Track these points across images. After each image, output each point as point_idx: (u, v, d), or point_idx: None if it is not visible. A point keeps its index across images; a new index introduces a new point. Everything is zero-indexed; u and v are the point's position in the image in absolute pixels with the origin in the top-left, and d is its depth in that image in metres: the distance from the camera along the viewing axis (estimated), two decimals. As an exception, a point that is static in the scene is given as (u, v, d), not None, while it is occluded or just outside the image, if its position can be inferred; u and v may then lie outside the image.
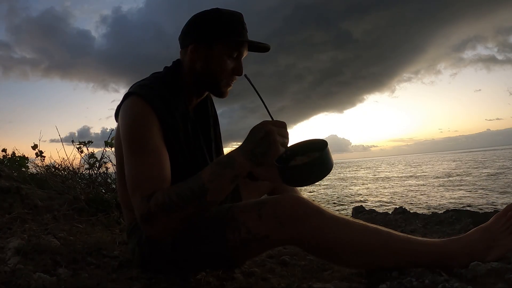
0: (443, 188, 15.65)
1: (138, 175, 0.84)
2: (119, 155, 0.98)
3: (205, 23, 0.95)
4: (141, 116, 0.88)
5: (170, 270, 0.92)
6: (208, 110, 1.12)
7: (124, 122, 0.90)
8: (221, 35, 0.93)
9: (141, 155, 0.85)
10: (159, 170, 0.85)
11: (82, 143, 2.52)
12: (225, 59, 0.95)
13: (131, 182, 0.85)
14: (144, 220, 0.81)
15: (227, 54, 0.95)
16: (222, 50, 0.94)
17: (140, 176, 0.84)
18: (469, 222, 2.22)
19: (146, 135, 0.87)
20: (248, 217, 0.84)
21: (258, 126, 0.83)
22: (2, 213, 1.52)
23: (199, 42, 0.95)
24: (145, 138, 0.87)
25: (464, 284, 0.75)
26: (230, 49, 0.95)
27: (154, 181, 0.83)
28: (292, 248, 1.37)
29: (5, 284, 0.80)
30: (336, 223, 0.83)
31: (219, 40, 0.94)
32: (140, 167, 0.85)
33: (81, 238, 1.36)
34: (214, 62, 0.95)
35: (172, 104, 0.94)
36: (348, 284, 0.91)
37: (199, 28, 0.95)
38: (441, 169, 30.30)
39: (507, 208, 0.91)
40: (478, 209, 6.06)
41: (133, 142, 0.87)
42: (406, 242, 0.86)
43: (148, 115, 0.88)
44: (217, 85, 0.99)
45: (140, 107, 0.89)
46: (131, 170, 0.86)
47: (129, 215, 1.01)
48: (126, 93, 0.94)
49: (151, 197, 0.80)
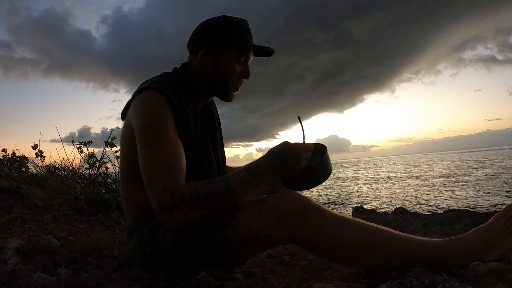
0: (443, 188, 15.65)
1: (158, 165, 0.84)
2: (125, 150, 0.99)
3: (214, 29, 0.99)
4: (157, 107, 0.90)
5: (171, 269, 0.93)
6: (213, 113, 1.15)
7: (139, 114, 0.91)
8: (230, 40, 0.99)
9: (159, 146, 0.86)
10: (178, 161, 0.87)
11: (82, 143, 2.52)
12: (233, 63, 1.00)
13: (149, 172, 0.85)
14: (165, 211, 0.81)
15: (235, 59, 1.00)
16: (230, 54, 1.00)
17: (160, 166, 0.84)
18: (469, 222, 2.22)
19: (163, 126, 0.88)
20: (249, 216, 0.84)
21: (292, 151, 0.84)
22: (2, 213, 1.52)
23: (209, 47, 0.99)
24: (162, 129, 0.88)
25: (464, 284, 0.75)
26: (238, 53, 1.00)
27: (175, 172, 0.85)
28: (292, 248, 1.38)
29: (5, 284, 0.80)
30: (336, 222, 0.84)
31: (227, 45, 0.99)
32: (159, 157, 0.85)
33: (81, 238, 1.36)
34: (223, 66, 1.00)
35: (184, 100, 0.97)
36: (348, 284, 0.91)
37: (208, 34, 1.00)
38: (441, 169, 30.32)
39: (507, 208, 0.91)
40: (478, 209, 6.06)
41: (150, 133, 0.88)
42: (406, 242, 0.86)
43: (164, 107, 0.90)
44: (225, 89, 1.03)
45: (156, 99, 0.91)
46: (148, 161, 0.86)
47: (130, 214, 1.01)
48: (139, 88, 0.96)
49: (176, 190, 0.82)
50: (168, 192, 0.81)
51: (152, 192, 0.84)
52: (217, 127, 1.15)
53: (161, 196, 0.82)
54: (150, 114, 0.89)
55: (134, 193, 0.99)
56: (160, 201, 0.81)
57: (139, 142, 0.89)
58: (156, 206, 0.82)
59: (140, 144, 0.89)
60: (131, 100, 0.98)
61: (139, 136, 0.90)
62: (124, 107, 1.03)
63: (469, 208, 6.80)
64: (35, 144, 2.88)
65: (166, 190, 0.82)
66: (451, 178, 20.59)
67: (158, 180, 0.83)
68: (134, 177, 0.98)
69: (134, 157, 0.94)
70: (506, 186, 14.38)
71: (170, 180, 0.83)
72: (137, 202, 0.99)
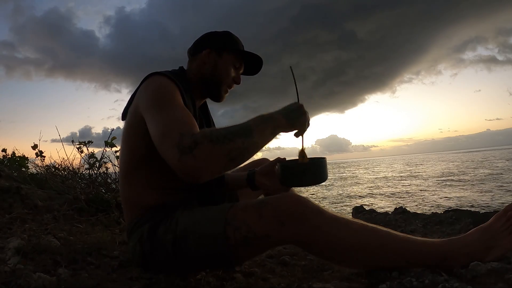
0: (443, 188, 15.65)
1: (172, 120, 0.81)
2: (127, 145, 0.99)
3: (218, 35, 1.12)
4: (166, 84, 0.94)
5: (171, 268, 0.93)
6: (209, 114, 1.21)
7: (147, 93, 0.92)
8: (231, 46, 1.11)
9: (171, 108, 0.86)
10: (193, 120, 0.84)
11: (82, 143, 2.52)
12: (230, 66, 1.12)
13: (164, 127, 0.80)
14: (186, 152, 0.73)
15: (233, 63, 1.12)
16: (229, 58, 1.11)
17: (175, 120, 0.81)
18: (469, 222, 2.22)
19: (173, 95, 0.91)
20: (249, 216, 0.85)
21: (293, 103, 0.97)
22: (2, 213, 1.52)
23: (212, 48, 1.10)
24: (173, 96, 0.90)
25: (464, 284, 0.75)
26: (235, 60, 1.13)
27: (191, 124, 0.82)
28: (292, 248, 1.38)
29: (5, 284, 0.80)
30: (336, 222, 0.84)
31: (228, 50, 1.11)
32: (172, 115, 0.83)
33: (81, 238, 1.36)
34: (221, 67, 1.10)
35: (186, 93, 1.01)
36: (348, 284, 0.91)
37: (213, 38, 1.12)
38: (441, 169, 30.31)
39: (507, 208, 0.91)
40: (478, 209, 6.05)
41: (161, 101, 0.88)
42: (406, 242, 0.86)
43: (173, 86, 0.94)
44: (218, 89, 1.12)
45: (165, 80, 0.95)
46: (162, 119, 0.82)
47: (130, 213, 1.02)
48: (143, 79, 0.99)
49: (195, 133, 0.77)
50: (188, 135, 0.76)
51: (167, 143, 0.77)
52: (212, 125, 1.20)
53: (179, 141, 0.75)
54: (158, 89, 0.92)
55: (134, 192, 1.00)
56: (179, 146, 0.74)
57: (150, 113, 0.87)
58: (173, 154, 0.75)
59: (151, 114, 0.87)
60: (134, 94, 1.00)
61: (148, 108, 0.88)
62: (125, 106, 1.05)
63: (469, 208, 6.80)
64: (35, 144, 2.88)
65: (184, 135, 0.76)
66: (451, 178, 20.59)
67: (173, 130, 0.78)
68: (134, 175, 0.99)
69: (136, 150, 0.96)
70: (506, 186, 14.38)
71: (187, 127, 0.79)
72: (137, 201, 0.99)
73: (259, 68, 1.20)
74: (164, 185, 1.00)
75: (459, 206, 9.08)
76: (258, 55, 1.15)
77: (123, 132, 1.03)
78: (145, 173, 0.99)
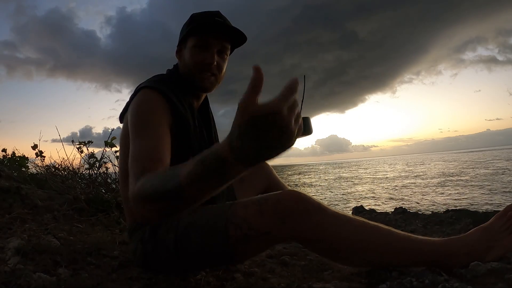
0: (443, 188, 15.65)
1: (135, 154, 0.85)
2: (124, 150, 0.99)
3: (182, 28, 1.07)
4: (146, 102, 0.93)
5: (172, 267, 0.93)
6: (209, 112, 1.18)
7: (131, 109, 0.94)
8: (188, 32, 1.01)
9: (141, 137, 0.87)
10: (154, 151, 0.84)
11: (82, 143, 2.52)
12: (195, 51, 1.02)
13: (132, 157, 0.85)
14: (131, 198, 0.75)
15: (195, 46, 1.02)
16: (191, 44, 1.02)
17: (136, 155, 0.84)
18: (469, 222, 2.22)
19: (148, 118, 0.90)
20: (250, 213, 0.84)
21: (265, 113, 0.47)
22: (2, 213, 1.52)
23: (179, 45, 1.07)
24: (147, 121, 0.90)
25: (464, 284, 0.75)
26: (195, 41, 1.01)
27: (146, 161, 0.81)
28: (292, 248, 1.38)
29: (5, 284, 0.80)
30: (337, 220, 0.83)
31: (187, 36, 1.03)
32: (138, 147, 0.86)
33: (81, 238, 1.36)
34: (187, 57, 1.03)
35: (181, 96, 1.00)
36: (348, 284, 0.91)
37: (180, 35, 1.07)
38: (441, 169, 30.32)
39: (507, 208, 0.91)
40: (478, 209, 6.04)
41: (136, 126, 0.90)
42: (407, 241, 0.86)
43: (156, 102, 0.93)
44: (193, 78, 1.04)
45: (149, 96, 0.94)
46: (131, 152, 0.86)
47: (131, 214, 1.02)
48: (137, 89, 0.98)
49: (139, 179, 0.75)
50: (133, 180, 0.78)
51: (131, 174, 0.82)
52: (213, 126, 1.18)
53: (130, 182, 0.79)
54: (138, 109, 0.92)
55: None
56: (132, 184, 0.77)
57: (131, 133, 0.91)
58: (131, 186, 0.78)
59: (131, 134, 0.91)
60: (129, 102, 1.00)
61: (130, 127, 0.92)
62: (123, 109, 1.05)
63: (469, 208, 6.80)
64: (35, 144, 2.88)
65: (134, 177, 0.79)
66: (451, 178, 20.59)
67: (132, 168, 0.82)
68: None
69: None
70: (506, 186, 14.38)
71: (140, 168, 0.79)
72: None
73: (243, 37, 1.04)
74: None
75: (459, 206, 9.09)
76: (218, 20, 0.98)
77: (121, 136, 1.04)
78: None
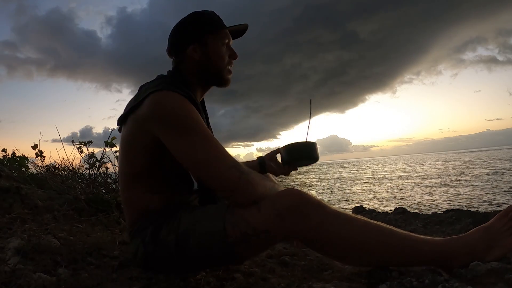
0: (443, 188, 15.64)
1: (212, 149, 0.86)
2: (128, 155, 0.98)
3: (192, 25, 1.04)
4: (182, 103, 0.90)
5: (173, 268, 0.93)
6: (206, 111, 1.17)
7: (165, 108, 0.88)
8: (209, 28, 1.04)
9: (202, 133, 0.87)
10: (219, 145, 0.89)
11: (82, 143, 2.52)
12: (220, 48, 1.06)
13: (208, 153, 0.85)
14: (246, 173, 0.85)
15: (221, 43, 1.06)
16: (215, 41, 1.05)
17: (215, 149, 0.86)
18: (469, 222, 2.22)
19: (197, 117, 0.90)
20: (248, 212, 0.85)
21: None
22: (2, 213, 1.52)
23: (194, 42, 1.03)
24: (197, 119, 0.89)
25: (464, 284, 0.75)
26: (220, 38, 1.06)
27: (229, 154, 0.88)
28: (292, 248, 1.38)
29: (5, 284, 0.80)
30: (338, 218, 0.83)
31: (209, 34, 1.04)
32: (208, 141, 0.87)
33: (81, 238, 1.36)
34: (213, 54, 1.04)
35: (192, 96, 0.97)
36: (348, 284, 0.91)
37: (189, 32, 1.04)
38: (441, 169, 30.31)
39: (508, 209, 0.91)
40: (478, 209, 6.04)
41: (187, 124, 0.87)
42: (408, 240, 0.86)
43: (187, 103, 0.91)
44: (221, 74, 1.07)
45: (177, 97, 0.90)
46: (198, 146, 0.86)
47: (131, 216, 1.01)
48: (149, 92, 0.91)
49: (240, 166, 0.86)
50: (234, 168, 0.85)
51: (223, 165, 0.85)
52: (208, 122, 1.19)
53: (235, 164, 0.85)
54: (179, 111, 0.88)
55: (136, 195, 0.99)
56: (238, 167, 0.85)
57: (175, 136, 0.87)
58: (233, 174, 0.84)
59: (177, 137, 0.86)
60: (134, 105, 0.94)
61: (168, 129, 0.87)
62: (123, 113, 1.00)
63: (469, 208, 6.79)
64: (35, 144, 2.88)
65: (231, 168, 0.85)
66: (451, 178, 20.59)
67: (222, 155, 0.86)
68: (136, 180, 0.98)
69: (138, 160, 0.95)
70: (505, 186, 14.37)
71: (230, 157, 0.87)
72: (139, 205, 0.99)
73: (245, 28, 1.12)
74: (166, 190, 0.99)
75: (459, 206, 9.08)
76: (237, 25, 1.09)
77: (122, 141, 1.00)
78: (147, 182, 0.97)
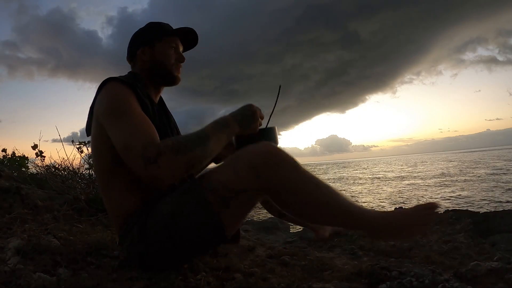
0: (442, 187, 15.66)
1: (134, 131, 0.87)
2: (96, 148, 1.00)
3: (143, 31, 1.16)
4: (121, 90, 0.97)
5: (170, 260, 0.94)
6: (167, 109, 1.23)
7: (104, 101, 0.96)
8: (158, 35, 1.15)
9: (130, 118, 0.90)
10: (151, 127, 0.91)
11: (82, 143, 2.52)
12: (166, 50, 1.15)
13: (126, 138, 0.87)
14: (150, 162, 0.82)
15: (168, 46, 1.15)
16: (162, 45, 1.15)
17: (136, 131, 0.87)
18: (469, 222, 2.22)
19: (130, 103, 0.94)
20: (224, 175, 0.89)
21: (248, 106, 1.02)
22: (2, 213, 1.52)
23: (144, 46, 1.14)
24: (129, 105, 0.94)
25: (464, 284, 0.76)
26: (168, 42, 1.16)
27: (152, 134, 0.88)
28: (292, 248, 1.38)
29: (5, 284, 0.80)
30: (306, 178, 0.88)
31: (157, 39, 1.14)
32: (132, 125, 0.89)
33: (81, 238, 1.36)
34: (159, 54, 1.14)
35: (143, 90, 1.05)
36: (348, 284, 0.91)
37: (140, 37, 1.16)
38: (440, 169, 30.32)
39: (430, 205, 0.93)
40: (477, 209, 6.04)
41: (118, 111, 0.92)
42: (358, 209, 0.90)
43: (127, 91, 0.97)
44: (169, 73, 1.15)
45: (119, 86, 0.98)
46: (123, 131, 0.88)
47: (116, 222, 1.02)
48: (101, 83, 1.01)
49: (158, 143, 0.85)
50: (151, 145, 0.84)
51: (132, 153, 0.84)
52: (171, 116, 1.23)
53: (143, 152, 0.83)
54: (115, 97, 0.95)
55: (115, 201, 0.99)
56: (144, 157, 0.82)
57: (109, 121, 0.92)
58: (139, 164, 0.83)
59: (111, 122, 0.92)
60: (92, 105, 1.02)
61: (107, 117, 0.93)
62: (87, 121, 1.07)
63: (469, 208, 6.79)
64: (35, 144, 2.88)
65: (147, 145, 0.84)
66: (451, 178, 20.60)
67: (137, 140, 0.85)
68: (111, 185, 0.99)
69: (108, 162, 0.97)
70: (505, 185, 14.38)
71: (149, 138, 0.86)
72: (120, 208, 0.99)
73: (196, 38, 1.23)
74: (143, 187, 0.98)
75: (459, 206, 9.09)
76: (188, 27, 1.19)
77: (91, 146, 1.04)
78: (122, 181, 0.98)
